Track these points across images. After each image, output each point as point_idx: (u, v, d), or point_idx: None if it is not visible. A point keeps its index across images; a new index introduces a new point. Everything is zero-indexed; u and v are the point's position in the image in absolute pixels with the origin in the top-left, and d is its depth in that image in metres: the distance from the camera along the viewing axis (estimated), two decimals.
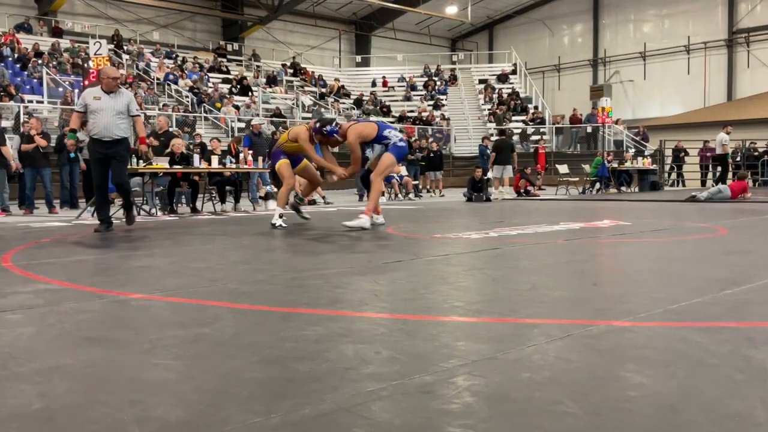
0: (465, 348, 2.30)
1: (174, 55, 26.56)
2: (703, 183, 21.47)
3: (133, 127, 7.59)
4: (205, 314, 2.95)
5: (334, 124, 7.56)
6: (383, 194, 13.76)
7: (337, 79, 29.77)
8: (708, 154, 21.97)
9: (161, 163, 9.87)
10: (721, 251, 5.12)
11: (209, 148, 11.91)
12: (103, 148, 7.05)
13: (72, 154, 11.39)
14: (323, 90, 27.90)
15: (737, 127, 20.41)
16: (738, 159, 21.24)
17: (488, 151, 17.63)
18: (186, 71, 24.62)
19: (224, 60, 27.89)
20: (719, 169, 18.26)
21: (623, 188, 18.18)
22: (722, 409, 1.66)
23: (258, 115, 21.58)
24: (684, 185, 21.92)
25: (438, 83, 30.71)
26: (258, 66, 28.54)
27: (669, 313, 2.76)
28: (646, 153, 21.24)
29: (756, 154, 20.91)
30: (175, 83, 23.07)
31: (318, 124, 7.56)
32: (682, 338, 2.37)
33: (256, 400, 1.79)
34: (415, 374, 1.98)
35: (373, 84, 30.76)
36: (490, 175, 15.69)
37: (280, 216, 7.53)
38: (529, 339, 2.39)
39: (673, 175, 22.57)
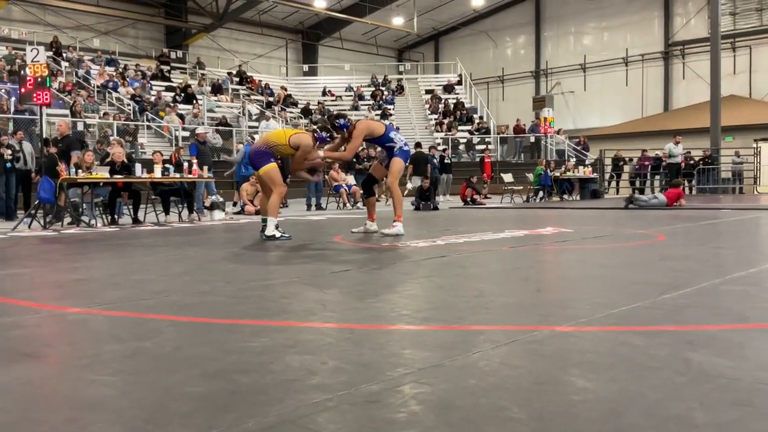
0: (412, 356, 2.29)
1: (115, 62, 25.95)
2: (642, 191, 22.13)
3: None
4: (145, 328, 2.86)
5: (345, 119, 7.56)
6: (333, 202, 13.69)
7: (284, 88, 29.60)
8: (646, 163, 22.70)
9: (101, 173, 9.61)
10: (659, 257, 5.27)
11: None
12: None
13: (8, 164, 11.01)
14: (270, 99, 27.69)
15: (673, 137, 21.14)
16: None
17: (434, 160, 17.80)
18: (128, 79, 24.09)
19: (167, 68, 27.39)
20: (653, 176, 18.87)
21: (565, 196, 18.60)
22: (663, 412, 1.69)
23: (203, 123, 21.25)
24: (617, 193, 22.56)
25: (385, 93, 30.86)
26: (203, 74, 28.13)
27: (610, 318, 2.82)
28: (586, 162, 21.79)
29: (692, 162, 21.67)
30: (116, 91, 22.54)
31: (330, 123, 7.65)
32: (624, 342, 2.42)
33: (197, 415, 1.74)
34: (362, 384, 1.96)
35: (324, 93, 30.70)
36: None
37: (276, 227, 7.05)
38: (475, 346, 2.40)
39: (613, 183, 23.21)
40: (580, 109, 33.50)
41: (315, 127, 7.53)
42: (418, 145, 17.47)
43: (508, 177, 19.54)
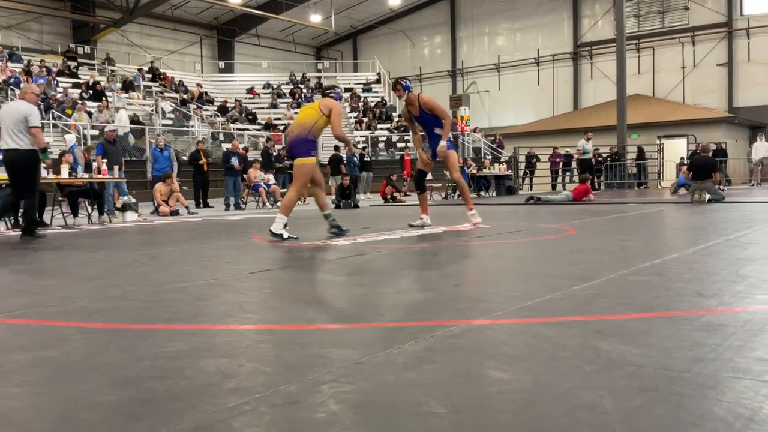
0: (331, 355, 2.28)
1: (18, 58, 24.63)
2: (554, 186, 22.91)
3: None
4: (51, 335, 2.73)
5: (336, 90, 7.42)
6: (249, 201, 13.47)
7: (199, 85, 28.90)
8: (557, 160, 23.52)
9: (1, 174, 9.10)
10: (570, 250, 5.46)
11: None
12: None
13: None
14: (185, 96, 26.98)
15: (582, 134, 21.99)
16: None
17: (355, 159, 17.84)
18: (32, 75, 22.92)
19: (74, 64, 26.23)
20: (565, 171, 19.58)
21: (482, 193, 19.03)
22: (574, 400, 1.75)
23: (112, 122, 20.48)
24: (531, 189, 23.30)
25: (304, 91, 30.65)
26: (112, 70, 27.09)
27: (524, 310, 2.89)
28: (501, 159, 22.37)
29: (600, 158, 22.60)
30: (19, 87, 21.39)
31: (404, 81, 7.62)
32: (537, 334, 2.49)
33: (107, 425, 1.67)
34: (281, 385, 1.94)
35: (249, 91, 30.17)
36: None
37: (285, 226, 6.56)
38: (394, 342, 2.42)
39: (527, 180, 23.93)
40: (495, 108, 34.34)
41: (326, 90, 7.17)
42: (336, 147, 17.61)
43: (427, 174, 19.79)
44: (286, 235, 6.46)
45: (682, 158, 22.01)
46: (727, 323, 2.56)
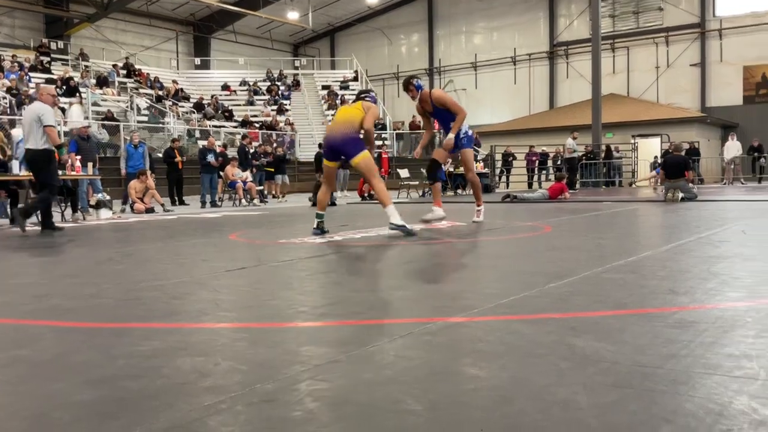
0: (308, 353, 2.28)
1: None
2: (530, 185, 23.08)
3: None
4: (24, 334, 2.69)
5: (418, 80, 7.57)
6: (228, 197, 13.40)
7: (175, 82, 28.63)
8: (534, 158, 23.69)
9: None
10: (546, 248, 5.51)
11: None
12: None
13: None
14: (160, 92, 26.71)
15: (558, 133, 22.19)
16: (558, 162, 23.08)
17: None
18: (3, 70, 22.53)
19: (48, 59, 25.82)
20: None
21: (459, 191, 19.10)
22: (549, 397, 1.77)
23: (87, 117, 20.20)
24: (507, 187, 23.45)
25: (281, 88, 30.51)
26: (86, 66, 26.72)
27: (500, 307, 2.91)
28: (478, 158, 22.46)
29: (576, 158, 22.78)
30: None
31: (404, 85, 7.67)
32: (513, 331, 2.51)
33: (80, 424, 1.65)
34: (257, 383, 1.93)
35: (224, 87, 29.91)
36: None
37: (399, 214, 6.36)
38: (371, 340, 2.42)
39: (503, 178, 24.07)
40: (471, 106, 34.41)
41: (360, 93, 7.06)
42: (320, 145, 17.61)
43: (404, 172, 19.85)
44: (409, 227, 6.35)
45: (656, 157, 22.31)
46: (699, 320, 2.60)
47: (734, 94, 28.20)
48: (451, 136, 7.51)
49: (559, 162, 23.20)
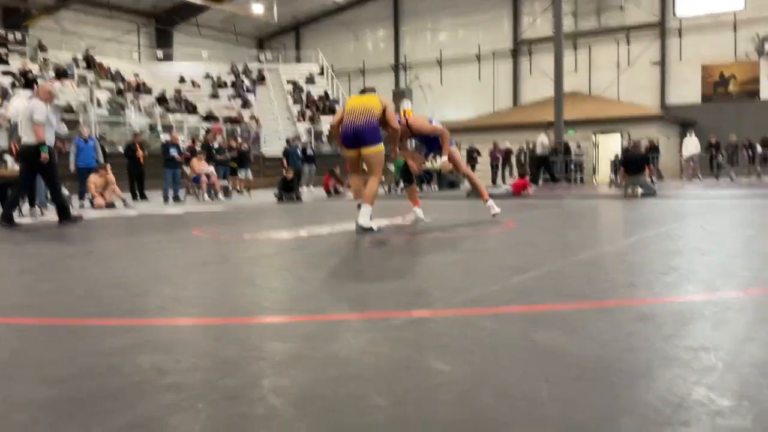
0: (272, 349, 2.26)
1: None
2: (494, 181, 23.26)
3: None
4: None
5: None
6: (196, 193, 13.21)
7: (136, 75, 28.12)
8: (497, 155, 23.88)
9: None
10: (510, 243, 5.56)
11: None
12: None
13: None
14: (121, 86, 26.22)
15: (521, 130, 22.39)
16: (522, 159, 23.32)
17: (297, 151, 17.74)
18: None
19: (5, 50, 25.12)
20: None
21: (424, 187, 19.15)
22: (513, 391, 1.78)
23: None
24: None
25: (246, 82, 30.20)
26: (45, 58, 26.08)
27: (464, 302, 2.93)
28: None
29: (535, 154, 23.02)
30: None
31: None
32: (477, 325, 2.52)
33: (37, 425, 1.61)
34: (219, 380, 1.91)
35: (181, 80, 29.42)
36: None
37: (371, 217, 6.23)
38: (336, 335, 2.41)
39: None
40: (437, 103, 34.59)
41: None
42: (287, 141, 17.53)
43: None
44: (375, 227, 6.19)
45: (616, 155, 22.66)
46: (659, 313, 2.65)
47: (693, 92, 28.81)
48: (445, 158, 7.35)
49: (522, 159, 23.43)
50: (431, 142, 7.49)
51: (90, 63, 27.18)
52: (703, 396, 1.69)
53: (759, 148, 21.59)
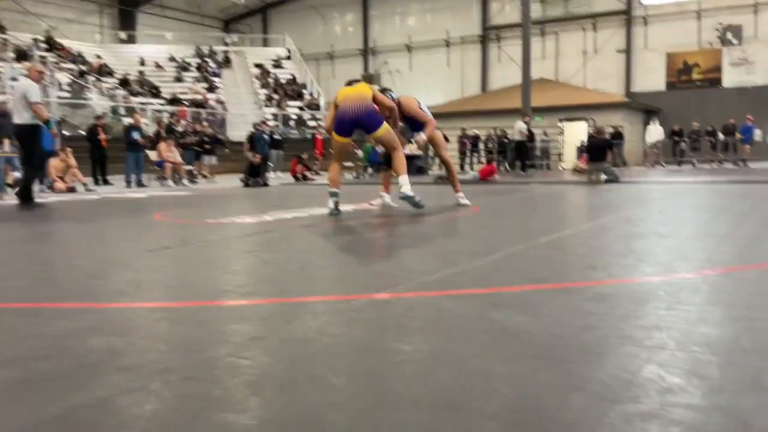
0: (230, 331, 2.24)
1: None
2: (462, 167, 23.36)
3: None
4: None
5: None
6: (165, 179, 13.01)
7: (99, 56, 27.53)
8: (466, 141, 23.96)
9: None
10: (474, 227, 5.59)
11: None
12: None
13: None
14: (83, 68, 25.63)
15: (489, 117, 22.47)
16: (490, 145, 23.43)
17: (264, 136, 17.56)
18: None
19: None
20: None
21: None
22: (468, 369, 1.79)
23: (4, 93, 19.20)
24: (441, 169, 23.63)
25: (211, 65, 29.76)
26: (4, 39, 25.35)
27: (425, 285, 2.94)
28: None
29: (506, 141, 23.19)
30: None
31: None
32: (436, 306, 2.53)
33: None
34: (174, 362, 1.88)
35: (142, 63, 28.85)
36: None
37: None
38: (295, 317, 2.40)
39: (437, 160, 24.27)
40: (407, 88, 34.44)
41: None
42: (254, 125, 17.34)
43: None
44: (418, 198, 6.52)
45: (582, 142, 22.91)
46: (615, 294, 2.69)
47: (658, 80, 29.23)
48: (423, 135, 7.50)
49: (490, 145, 23.53)
50: (415, 124, 7.52)
51: (51, 44, 26.51)
52: (654, 373, 1.72)
53: (721, 135, 22.04)
